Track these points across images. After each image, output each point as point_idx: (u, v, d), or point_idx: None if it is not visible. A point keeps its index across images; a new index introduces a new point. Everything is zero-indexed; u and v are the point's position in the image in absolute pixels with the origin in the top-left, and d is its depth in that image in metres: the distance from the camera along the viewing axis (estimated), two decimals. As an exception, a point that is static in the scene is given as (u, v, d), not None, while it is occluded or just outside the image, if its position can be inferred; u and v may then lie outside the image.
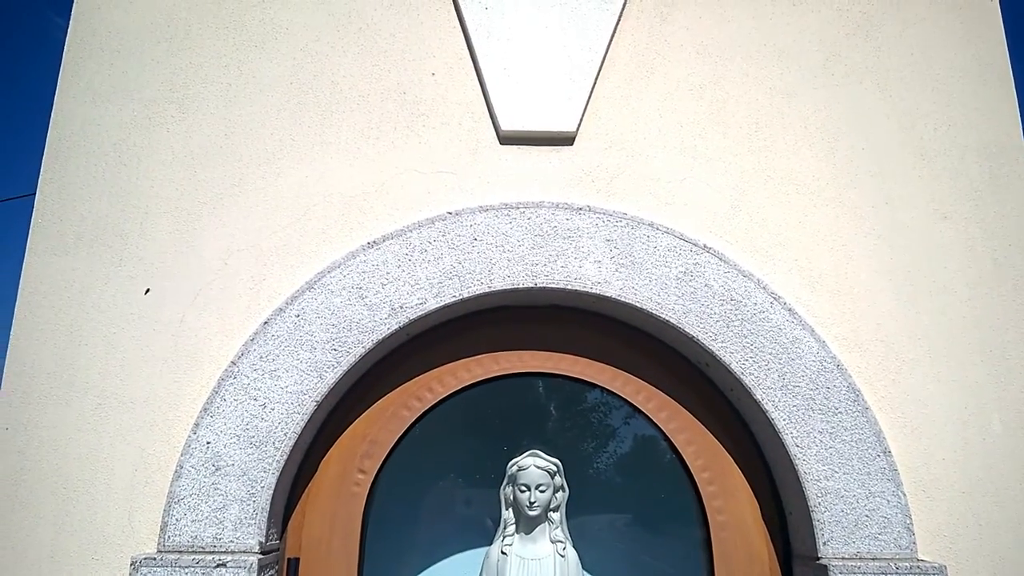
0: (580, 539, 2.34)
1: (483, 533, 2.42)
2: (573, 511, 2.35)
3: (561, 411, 2.62)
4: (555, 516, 2.33)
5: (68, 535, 2.13)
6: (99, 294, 2.30)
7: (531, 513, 2.27)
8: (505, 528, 2.34)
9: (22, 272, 2.32)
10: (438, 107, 2.48)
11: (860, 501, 2.15)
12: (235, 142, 2.43)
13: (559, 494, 2.33)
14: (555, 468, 2.31)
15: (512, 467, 2.32)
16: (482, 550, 2.37)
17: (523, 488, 2.28)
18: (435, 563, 2.58)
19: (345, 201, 2.38)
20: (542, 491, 2.28)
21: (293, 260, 2.33)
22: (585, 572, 2.31)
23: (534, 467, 2.30)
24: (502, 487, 2.35)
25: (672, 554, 2.50)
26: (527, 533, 2.32)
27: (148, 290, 2.23)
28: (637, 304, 2.28)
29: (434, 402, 2.38)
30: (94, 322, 2.28)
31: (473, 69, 2.50)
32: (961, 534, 2.18)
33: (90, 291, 2.30)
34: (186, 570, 2.03)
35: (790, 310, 2.28)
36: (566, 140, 2.44)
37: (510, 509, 2.34)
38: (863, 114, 2.49)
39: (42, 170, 2.41)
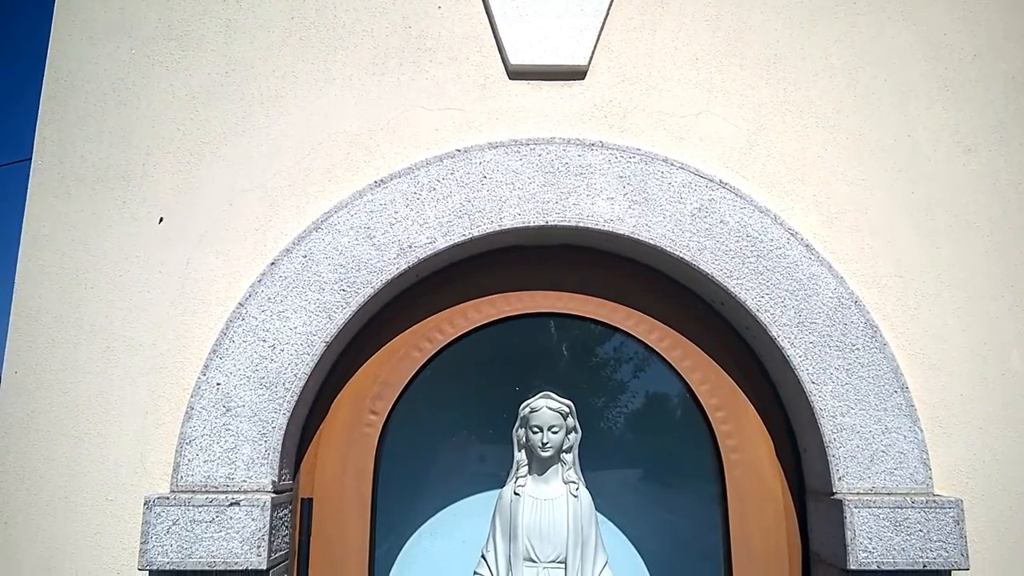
0: (594, 481, 2.33)
1: (496, 474, 2.42)
2: (586, 452, 2.34)
3: (573, 352, 2.59)
4: (568, 457, 2.31)
5: (81, 477, 2.13)
6: (103, 237, 2.26)
7: (544, 454, 2.26)
8: (518, 469, 2.33)
9: (24, 215, 2.28)
10: (445, 41, 2.40)
11: (876, 437, 2.13)
12: (236, 80, 2.36)
13: (572, 435, 2.31)
14: (568, 409, 2.29)
15: (524, 408, 2.30)
16: (495, 492, 2.37)
17: (535, 429, 2.27)
18: (448, 504, 2.59)
19: (351, 140, 2.32)
20: (555, 432, 2.26)
21: (299, 200, 2.28)
22: (598, 513, 2.31)
23: (546, 408, 2.27)
24: (514, 429, 2.33)
25: (686, 494, 2.51)
26: (540, 474, 2.31)
27: (162, 219, 2.19)
28: (651, 241, 2.23)
29: (445, 343, 2.35)
30: (99, 265, 2.24)
31: (480, 1, 2.41)
32: (978, 469, 2.17)
33: (94, 234, 2.26)
34: (199, 509, 2.03)
35: (807, 246, 2.23)
36: (577, 74, 2.37)
37: (523, 451, 2.33)
38: (886, 44, 2.41)
39: (40, 112, 2.35)
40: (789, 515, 2.28)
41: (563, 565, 2.22)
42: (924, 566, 2.04)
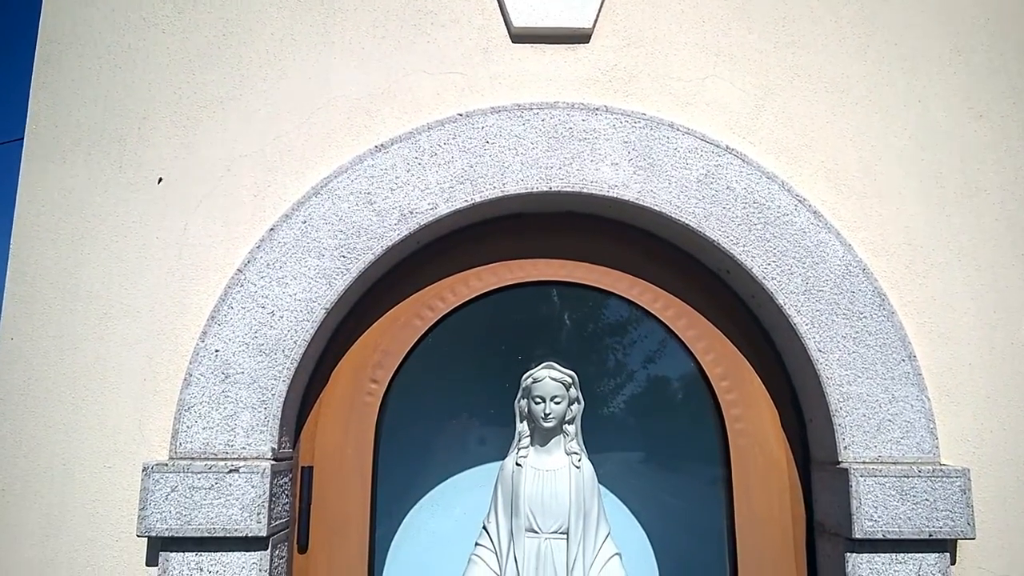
0: (596, 453, 2.31)
1: (497, 445, 2.39)
2: (588, 424, 2.31)
3: (577, 321, 2.56)
4: (570, 428, 2.29)
5: (79, 443, 2.11)
6: (99, 202, 2.22)
7: (546, 425, 2.24)
8: (520, 440, 2.31)
9: (19, 180, 2.25)
10: (446, 3, 2.35)
11: (883, 406, 2.10)
12: (234, 43, 2.32)
13: (574, 406, 2.29)
14: (570, 380, 2.26)
15: (527, 379, 2.27)
16: (496, 463, 2.35)
17: (538, 400, 2.24)
18: (450, 476, 2.57)
19: (351, 104, 2.28)
20: (557, 403, 2.24)
21: (298, 165, 2.24)
22: (600, 485, 2.29)
23: (549, 379, 2.25)
24: (516, 399, 2.31)
25: (689, 465, 2.49)
26: (542, 445, 2.29)
27: (161, 179, 2.16)
28: (656, 208, 2.19)
29: (446, 311, 2.32)
30: (95, 230, 2.21)
31: (482, -38, 2.36)
32: (985, 439, 2.14)
33: (90, 198, 2.22)
34: (198, 476, 2.01)
35: (815, 213, 2.20)
36: (582, 37, 2.32)
37: (525, 422, 2.31)
38: (897, 7, 2.35)
39: (34, 75, 2.31)
40: (793, 485, 2.26)
41: (565, 536, 2.20)
42: (930, 535, 2.02)
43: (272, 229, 2.17)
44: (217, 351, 2.11)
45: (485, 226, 2.35)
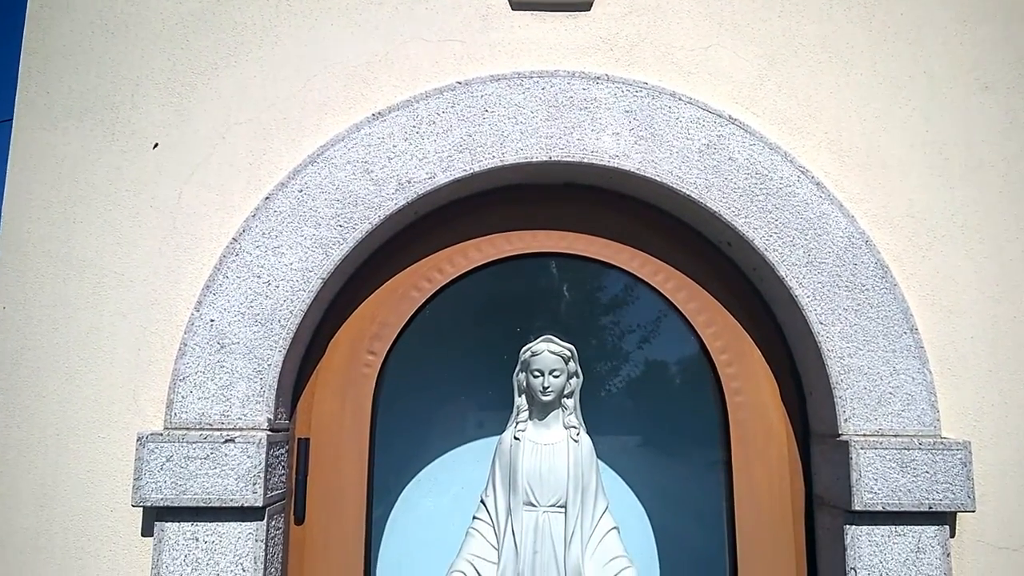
0: (595, 424, 2.29)
1: (495, 418, 2.38)
2: (588, 396, 2.29)
3: (576, 293, 2.54)
4: (569, 402, 2.27)
5: (73, 413, 2.09)
6: (92, 169, 2.19)
7: (544, 399, 2.22)
8: (518, 414, 2.29)
9: (10, 147, 2.21)
10: (445, -30, 2.30)
11: (884, 378, 2.09)
12: (229, 8, 2.27)
13: (573, 380, 2.27)
14: (569, 353, 2.24)
15: (525, 352, 2.25)
16: (494, 438, 2.33)
17: (536, 373, 2.22)
18: (447, 450, 2.56)
19: (348, 71, 2.24)
20: (556, 376, 2.22)
21: (294, 133, 2.21)
22: (599, 460, 2.28)
23: (548, 352, 2.22)
24: (515, 373, 2.29)
25: (688, 438, 2.48)
26: (540, 419, 2.27)
27: (156, 144, 2.12)
28: (657, 178, 2.17)
29: (444, 283, 2.30)
30: (88, 198, 2.18)
31: (482, -72, 2.32)
32: (986, 412, 2.13)
33: (82, 167, 2.19)
34: (193, 446, 1.99)
35: (818, 184, 2.17)
36: (583, 5, 2.28)
37: (523, 395, 2.28)
38: (903, -24, 2.32)
39: (24, 41, 2.27)
40: (793, 458, 2.25)
41: (563, 510, 2.19)
42: (930, 508, 2.01)
43: (268, 198, 2.14)
44: (212, 321, 2.09)
45: (484, 197, 2.32)
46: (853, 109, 2.25)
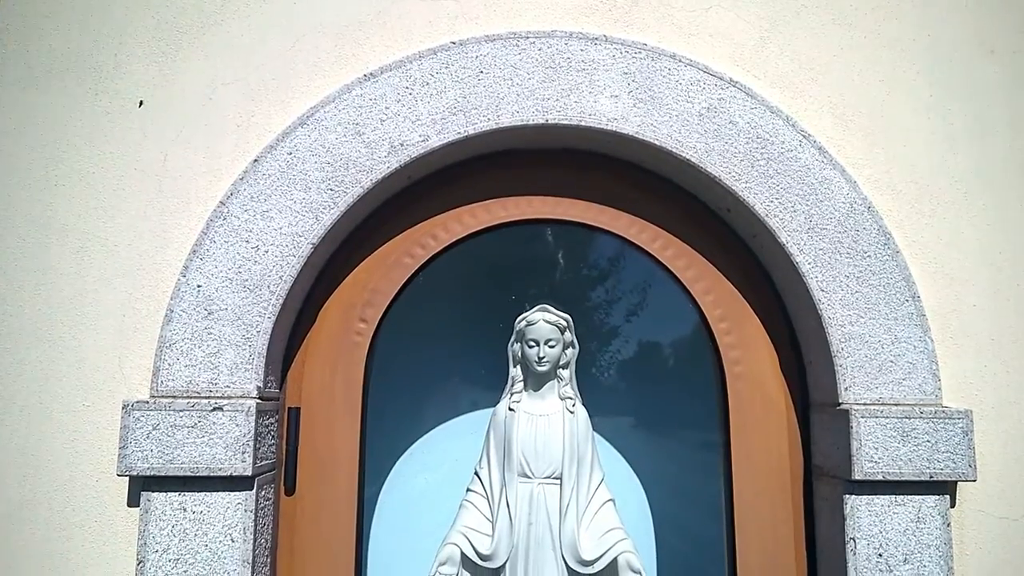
0: (592, 394, 2.26)
1: (490, 389, 2.33)
2: (583, 367, 2.25)
3: (572, 260, 2.49)
4: (564, 373, 2.23)
5: (56, 382, 2.03)
6: (74, 131, 2.12)
7: (540, 369, 2.18)
8: (513, 385, 2.25)
9: (-11, 108, 2.14)
10: (439, -73, 2.24)
11: (885, 346, 2.06)
12: (215, -35, 2.20)
13: (569, 350, 2.23)
14: (565, 323, 2.20)
15: (520, 322, 2.20)
16: (489, 409, 2.29)
17: (532, 343, 2.18)
18: (442, 422, 2.52)
19: (338, 31, 2.18)
20: (551, 346, 2.17)
21: (283, 95, 2.14)
22: (595, 433, 2.24)
23: (543, 322, 2.18)
24: (510, 344, 2.24)
25: (686, 408, 2.44)
26: (535, 390, 2.23)
27: (141, 102, 2.06)
28: (656, 142, 2.12)
29: (438, 250, 2.25)
30: (70, 161, 2.11)
31: None
32: (988, 381, 2.11)
33: (64, 128, 2.12)
34: (180, 414, 1.94)
35: (820, 149, 2.13)
36: (580, -36, 2.22)
37: (518, 366, 2.24)
38: (908, -64, 2.26)
39: (3, -2, 2.19)
40: (792, 428, 2.22)
41: (558, 481, 2.15)
42: (931, 477, 1.99)
43: (256, 160, 2.08)
44: (199, 287, 2.03)
45: (478, 162, 2.27)
46: (856, 73, 2.20)
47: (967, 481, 2.00)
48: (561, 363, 2.22)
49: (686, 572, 2.44)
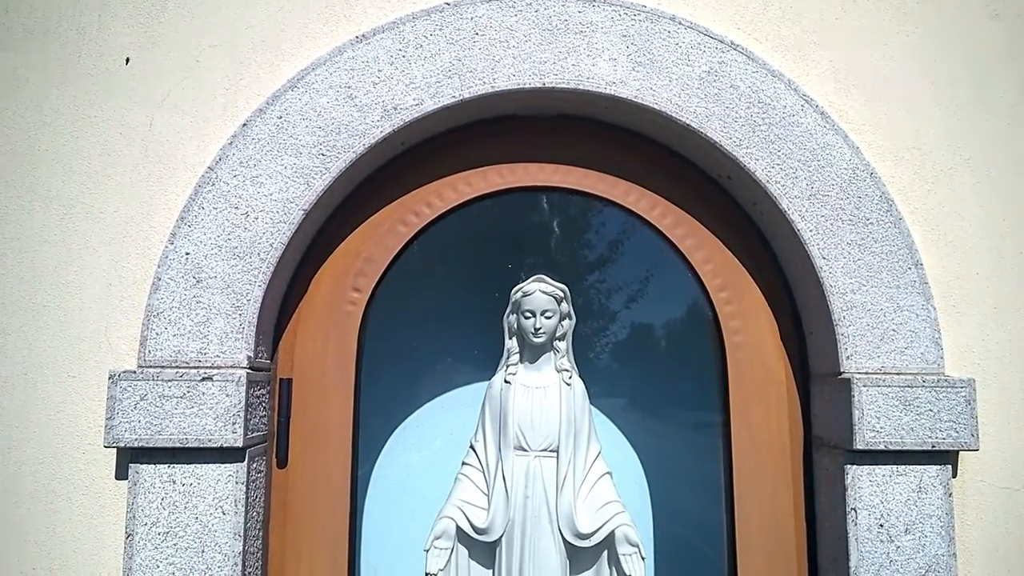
0: (590, 364, 2.22)
1: (485, 361, 2.29)
2: (579, 338, 2.21)
3: (570, 229, 2.45)
4: (561, 345, 2.19)
5: (41, 352, 1.98)
6: (57, 95, 2.06)
7: (536, 340, 2.14)
8: (508, 357, 2.21)
9: (-32, 71, 2.07)
10: None
11: (887, 315, 2.03)
12: (201, -76, 2.13)
13: (565, 321, 2.18)
14: (562, 294, 2.15)
15: (516, 293, 2.16)
16: (484, 382, 2.25)
17: (528, 314, 2.13)
18: (436, 395, 2.48)
19: (329, -8, 2.12)
20: (548, 317, 2.13)
21: (272, 57, 2.08)
22: (592, 407, 2.21)
23: (539, 292, 2.14)
24: (505, 315, 2.20)
25: (686, 377, 2.41)
26: (532, 362, 2.19)
27: (128, 60, 2.00)
28: (655, 107, 2.07)
29: (433, 217, 2.20)
30: (53, 126, 2.05)
31: None
32: (991, 350, 2.08)
33: (46, 91, 2.06)
34: (169, 384, 1.89)
35: (822, 114, 2.08)
36: (578, -76, 2.16)
37: (514, 338, 2.20)
38: None
39: (-18, -42, 2.12)
40: (792, 399, 2.19)
41: (555, 454, 2.12)
42: (933, 446, 1.96)
43: (245, 125, 2.02)
44: (188, 254, 1.98)
45: (474, 128, 2.22)
46: (859, 36, 2.16)
47: (970, 450, 1.98)
48: (557, 335, 2.18)
49: (684, 544, 2.41)
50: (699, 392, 2.35)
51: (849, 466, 1.98)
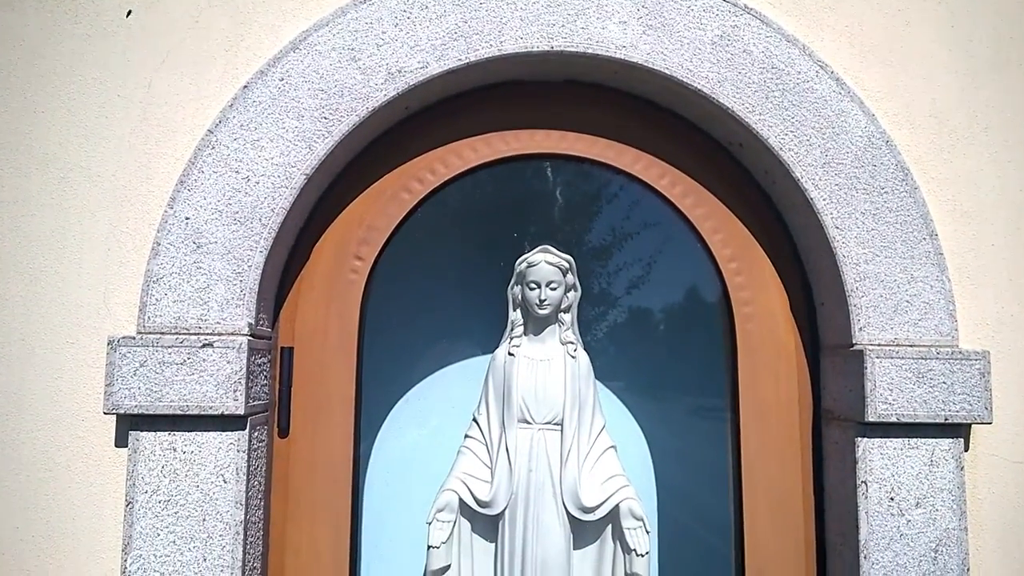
0: (595, 336, 2.18)
1: (489, 333, 2.26)
2: (584, 308, 2.18)
3: (577, 197, 2.40)
4: (566, 317, 2.16)
5: (38, 318, 1.95)
6: (53, 55, 2.01)
7: (541, 312, 2.10)
8: (512, 329, 2.18)
9: (-38, 31, 2.02)
10: None
11: (901, 286, 1.99)
12: None
13: (571, 293, 2.15)
14: (567, 265, 2.12)
15: (521, 264, 2.12)
16: (488, 355, 2.22)
17: (533, 286, 2.10)
18: (439, 367, 2.45)
19: (332, -49, 2.06)
20: (553, 289, 2.10)
21: (274, 18, 2.03)
22: (597, 381, 2.17)
23: (545, 263, 2.10)
24: (509, 286, 2.17)
25: (694, 349, 2.38)
26: (536, 335, 2.16)
27: (130, 12, 1.95)
28: (666, 71, 2.02)
29: (437, 184, 2.15)
30: (50, 86, 2.00)
31: None
32: (1005, 323, 2.04)
33: (42, 51, 2.01)
34: (168, 350, 1.86)
35: (837, 80, 2.03)
36: None
37: (518, 310, 2.17)
38: None
39: (-24, -85, 2.06)
40: (801, 371, 2.15)
41: (559, 427, 2.09)
42: (946, 419, 1.93)
43: (246, 87, 1.98)
44: (187, 219, 1.94)
45: (480, 94, 2.17)
46: (875, 2, 2.10)
47: (983, 423, 1.95)
48: (562, 306, 2.14)
49: (689, 518, 2.39)
50: (707, 369, 2.32)
51: (860, 439, 1.95)
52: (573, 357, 2.14)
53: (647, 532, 2.03)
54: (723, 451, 2.22)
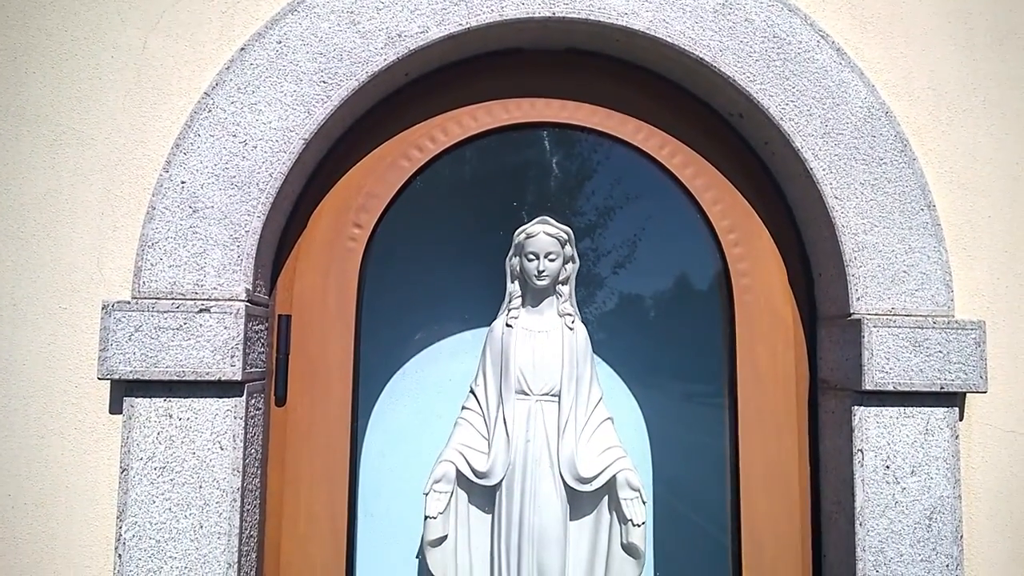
0: (592, 307, 2.18)
1: (486, 303, 2.25)
2: (583, 281, 2.17)
3: (576, 167, 2.39)
4: (564, 289, 2.15)
5: (30, 283, 1.91)
6: (44, 14, 1.96)
7: (539, 283, 2.10)
8: (511, 301, 2.17)
9: (-50, -11, 1.97)
10: None
11: (899, 256, 2.00)
12: None
13: (569, 265, 2.14)
14: (566, 236, 2.11)
15: (519, 235, 2.11)
16: (486, 326, 2.21)
17: (531, 257, 2.09)
18: (437, 338, 2.43)
19: (331, -86, 2.03)
20: (551, 260, 2.09)
21: (272, -21, 2.00)
22: (595, 355, 2.17)
23: (543, 234, 2.09)
24: (508, 258, 2.16)
25: (692, 321, 2.38)
26: (534, 306, 2.16)
27: None
28: (668, 39, 2.01)
29: (436, 152, 2.13)
30: (42, 47, 1.96)
31: None
32: (1001, 294, 2.06)
33: (33, 10, 1.96)
34: (164, 315, 1.83)
35: (838, 50, 2.03)
36: None
37: (516, 281, 2.16)
38: None
39: None
40: (799, 342, 2.16)
41: (556, 399, 2.09)
42: (942, 388, 1.95)
43: (243, 49, 1.94)
44: (183, 183, 1.91)
45: (480, 62, 2.15)
46: (877, -28, 2.10)
47: (978, 392, 1.97)
48: (561, 278, 2.14)
49: (685, 488, 2.40)
50: (704, 325, 2.32)
51: (856, 407, 1.96)
52: (571, 329, 2.14)
53: (643, 502, 2.04)
54: (720, 423, 2.23)
